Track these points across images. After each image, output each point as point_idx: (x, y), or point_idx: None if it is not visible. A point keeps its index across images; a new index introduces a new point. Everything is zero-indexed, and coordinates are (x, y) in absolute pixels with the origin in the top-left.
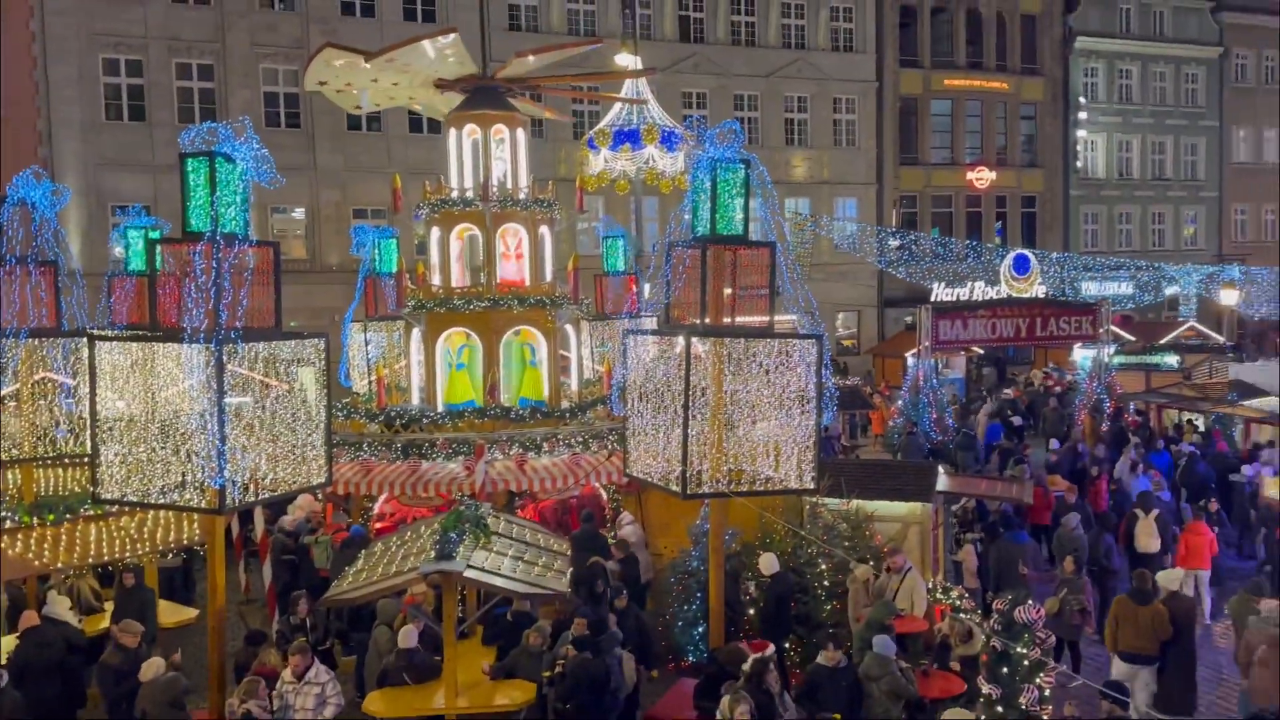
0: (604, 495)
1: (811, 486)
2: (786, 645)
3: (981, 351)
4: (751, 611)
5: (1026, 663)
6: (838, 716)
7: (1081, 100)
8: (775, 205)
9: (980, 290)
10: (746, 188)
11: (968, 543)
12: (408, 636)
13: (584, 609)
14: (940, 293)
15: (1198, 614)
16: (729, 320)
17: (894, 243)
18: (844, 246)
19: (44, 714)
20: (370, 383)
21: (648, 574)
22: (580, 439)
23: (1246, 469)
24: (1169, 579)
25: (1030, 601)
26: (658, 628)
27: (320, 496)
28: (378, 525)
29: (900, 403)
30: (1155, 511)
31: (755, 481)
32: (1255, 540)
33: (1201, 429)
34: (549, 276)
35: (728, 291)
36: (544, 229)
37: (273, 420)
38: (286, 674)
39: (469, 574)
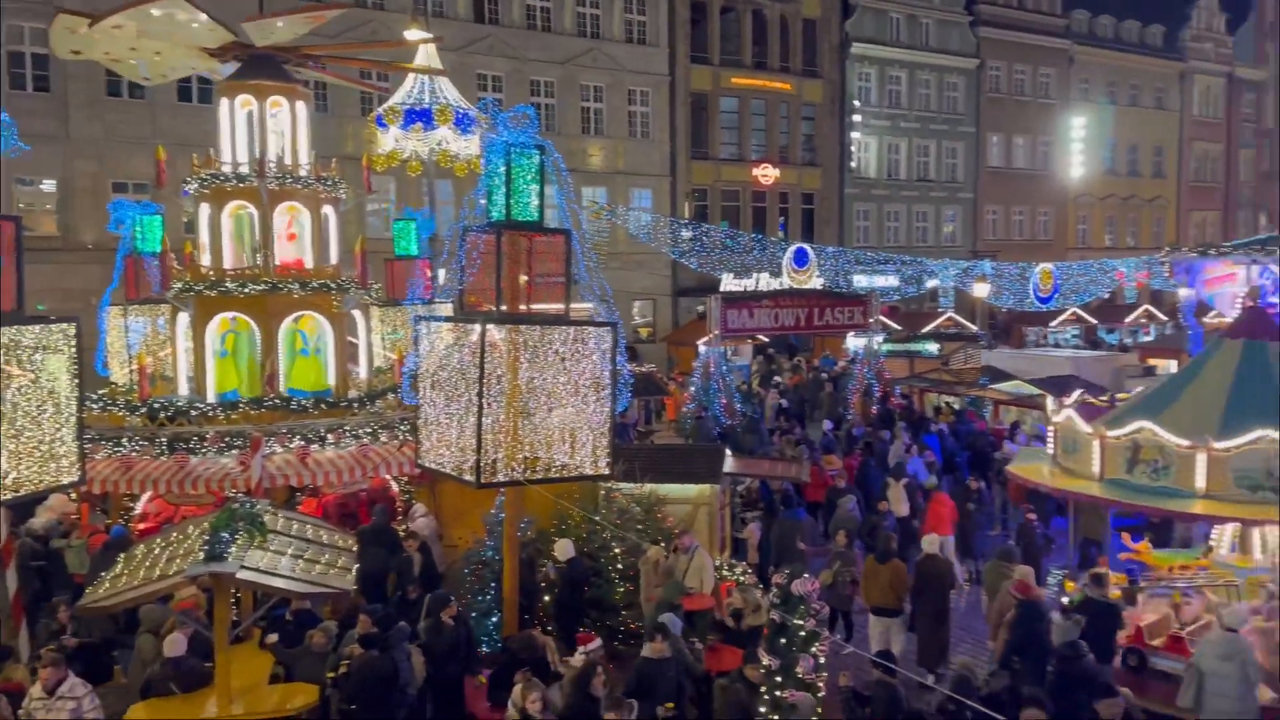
0: (395, 487)
1: (606, 472)
2: (580, 629)
3: (767, 339)
4: (546, 598)
5: (803, 633)
6: (670, 706)
7: (856, 103)
8: (571, 193)
9: (765, 281)
10: (542, 174)
11: (751, 521)
12: (174, 644)
13: (368, 605)
14: (729, 283)
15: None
16: (525, 307)
17: (686, 234)
18: (639, 236)
19: None
20: (131, 372)
21: (441, 565)
22: (369, 429)
23: (1008, 445)
24: (928, 543)
25: (806, 575)
26: None
27: (74, 496)
28: (141, 526)
29: (692, 389)
30: (905, 480)
31: (551, 468)
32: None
33: (956, 409)
34: (334, 259)
35: (524, 278)
36: (328, 209)
37: (14, 413)
38: (36, 689)
39: (242, 575)
